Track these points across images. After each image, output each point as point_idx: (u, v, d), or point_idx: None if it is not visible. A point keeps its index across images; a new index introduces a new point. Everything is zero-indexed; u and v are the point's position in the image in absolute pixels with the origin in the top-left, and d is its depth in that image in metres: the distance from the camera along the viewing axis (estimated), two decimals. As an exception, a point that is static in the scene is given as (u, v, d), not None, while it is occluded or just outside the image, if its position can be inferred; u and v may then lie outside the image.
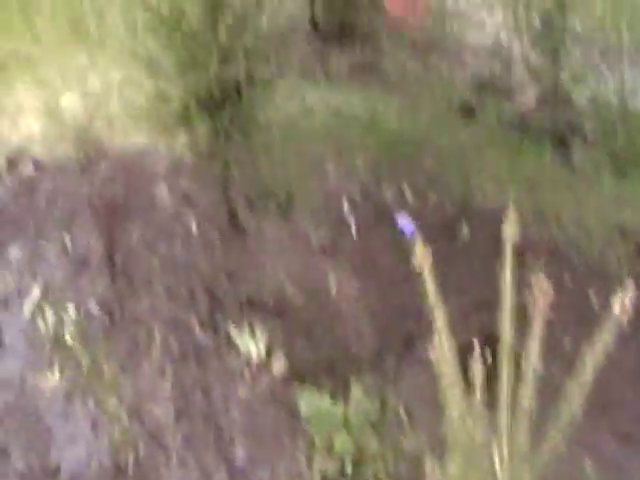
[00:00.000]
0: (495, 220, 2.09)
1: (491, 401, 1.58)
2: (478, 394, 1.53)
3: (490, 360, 1.58)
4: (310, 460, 2.39)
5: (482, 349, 1.58)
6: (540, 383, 1.53)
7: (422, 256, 1.59)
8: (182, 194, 2.94)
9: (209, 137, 3.06)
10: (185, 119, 3.04)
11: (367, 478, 2.39)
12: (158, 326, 2.54)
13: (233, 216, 2.98)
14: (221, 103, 2.94)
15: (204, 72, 2.92)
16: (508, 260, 1.57)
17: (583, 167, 4.22)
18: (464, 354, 1.60)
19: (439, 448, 1.69)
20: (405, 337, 2.89)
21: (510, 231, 1.56)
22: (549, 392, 1.55)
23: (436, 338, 1.58)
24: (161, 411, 2.35)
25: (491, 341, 1.60)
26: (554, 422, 1.45)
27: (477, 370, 1.52)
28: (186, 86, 2.93)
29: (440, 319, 1.59)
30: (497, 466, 1.46)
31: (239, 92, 3.05)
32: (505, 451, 1.47)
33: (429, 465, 1.50)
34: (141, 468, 2.23)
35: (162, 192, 2.93)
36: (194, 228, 2.87)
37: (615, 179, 4.23)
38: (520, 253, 3.56)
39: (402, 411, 2.63)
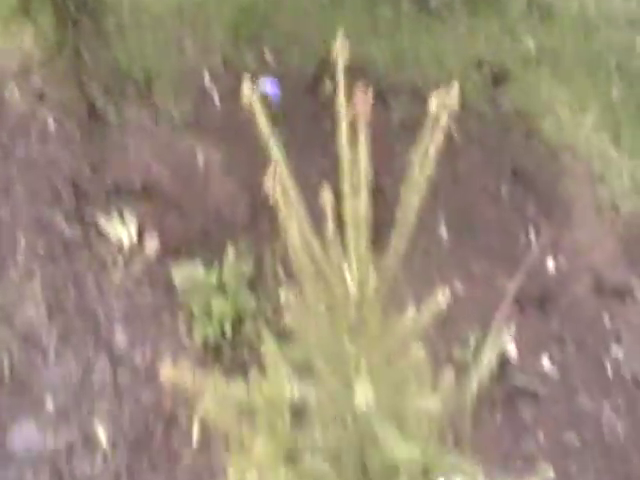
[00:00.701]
0: (357, 73, 1.78)
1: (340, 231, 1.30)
2: (329, 226, 1.27)
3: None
4: (190, 330, 2.13)
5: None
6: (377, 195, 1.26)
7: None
8: (34, 91, 2.50)
9: (56, 27, 2.59)
10: (26, 11, 2.55)
11: (248, 335, 2.15)
12: (22, 229, 2.18)
13: (91, 106, 2.56)
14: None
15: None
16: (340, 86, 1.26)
17: (439, 10, 3.82)
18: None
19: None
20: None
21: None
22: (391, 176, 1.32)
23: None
24: (33, 312, 2.04)
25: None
26: (394, 230, 1.20)
27: (327, 204, 1.25)
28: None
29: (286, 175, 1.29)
30: (348, 280, 1.27)
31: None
32: (354, 266, 1.26)
33: (284, 296, 1.26)
34: (18, 373, 1.95)
35: (12, 92, 2.48)
36: (51, 125, 2.45)
37: (468, 17, 3.87)
38: (381, 97, 3.25)
39: (279, 267, 2.36)
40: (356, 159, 1.28)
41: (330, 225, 1.32)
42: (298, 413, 1.47)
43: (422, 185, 1.27)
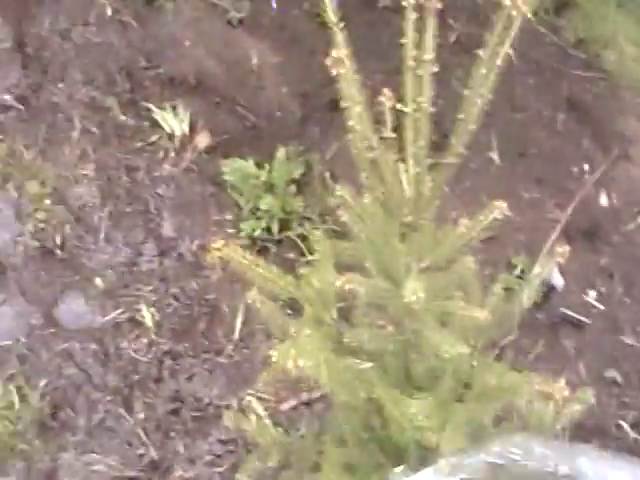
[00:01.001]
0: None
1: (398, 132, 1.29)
2: (387, 127, 1.26)
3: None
4: (237, 224, 2.14)
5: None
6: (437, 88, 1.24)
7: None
8: (93, -22, 2.47)
9: None
10: None
11: (293, 237, 2.16)
12: (77, 111, 2.19)
13: (146, -2, 2.53)
14: None
15: None
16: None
17: None
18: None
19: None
20: (328, 105, 2.55)
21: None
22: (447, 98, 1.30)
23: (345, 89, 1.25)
24: (85, 193, 2.06)
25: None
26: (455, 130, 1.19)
27: (386, 103, 1.24)
28: None
29: (349, 78, 1.25)
30: (404, 180, 1.27)
31: None
32: (410, 167, 1.26)
33: (340, 193, 1.26)
34: (69, 249, 1.99)
35: (71, -23, 2.45)
36: (108, 11, 2.43)
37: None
38: (439, 12, 3.18)
39: (327, 174, 2.35)
40: (420, 51, 1.26)
41: (388, 123, 1.32)
42: (346, 309, 1.48)
43: (486, 91, 1.25)
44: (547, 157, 3.01)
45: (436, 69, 1.22)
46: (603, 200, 2.90)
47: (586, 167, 2.95)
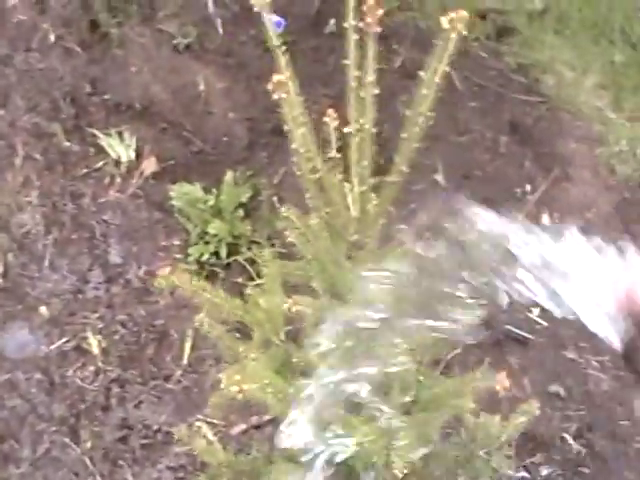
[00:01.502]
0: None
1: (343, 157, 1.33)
2: (332, 148, 1.30)
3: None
4: (185, 249, 2.16)
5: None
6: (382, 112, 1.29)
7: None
8: (36, 3, 2.48)
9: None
10: None
11: (241, 260, 2.18)
12: (20, 138, 2.18)
13: (93, 22, 2.54)
14: None
15: None
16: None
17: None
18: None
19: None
20: (275, 130, 2.60)
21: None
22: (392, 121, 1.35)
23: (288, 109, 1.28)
24: (29, 221, 2.05)
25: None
26: (398, 149, 1.24)
27: (330, 124, 1.28)
28: None
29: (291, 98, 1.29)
30: (349, 200, 1.32)
31: None
32: (355, 186, 1.31)
33: (286, 214, 1.29)
34: (12, 277, 1.97)
35: (13, 2, 2.45)
36: (52, 37, 2.44)
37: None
38: (384, 38, 3.26)
39: (274, 198, 2.39)
40: (363, 73, 1.31)
41: (333, 144, 1.36)
42: (294, 330, 1.51)
43: (426, 110, 1.31)
44: (491, 179, 3.11)
45: (377, 91, 1.27)
46: (545, 219, 3.01)
47: (528, 188, 3.06)
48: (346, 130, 1.33)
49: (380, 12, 1.28)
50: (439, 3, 3.71)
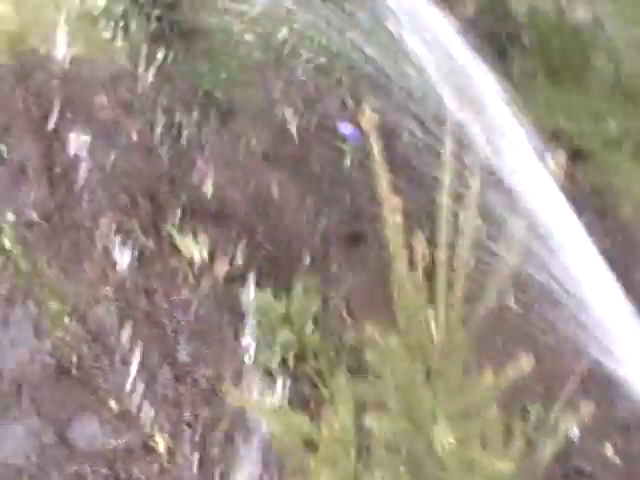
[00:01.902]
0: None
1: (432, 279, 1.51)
2: (420, 271, 1.48)
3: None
4: (253, 356, 2.35)
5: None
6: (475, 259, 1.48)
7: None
8: (121, 102, 2.80)
9: (148, 43, 2.91)
10: (123, 25, 2.89)
11: (309, 371, 2.36)
12: (99, 232, 2.44)
13: (173, 124, 2.85)
14: (160, 8, 2.79)
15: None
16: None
17: (521, 76, 4.15)
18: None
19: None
20: (347, 239, 2.84)
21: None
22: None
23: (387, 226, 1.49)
24: (104, 314, 2.27)
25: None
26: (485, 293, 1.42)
27: (420, 250, 1.46)
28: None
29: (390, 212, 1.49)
30: (434, 331, 1.45)
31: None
32: (442, 317, 1.45)
33: (369, 330, 1.46)
34: (85, 369, 2.17)
35: (101, 100, 2.79)
36: (134, 136, 2.75)
37: (550, 88, 4.18)
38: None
39: (344, 310, 2.59)
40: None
41: (419, 267, 1.54)
42: (364, 450, 1.65)
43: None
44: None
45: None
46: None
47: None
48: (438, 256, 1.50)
49: None
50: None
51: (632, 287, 3.23)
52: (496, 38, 4.32)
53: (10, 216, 2.38)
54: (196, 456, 2.09)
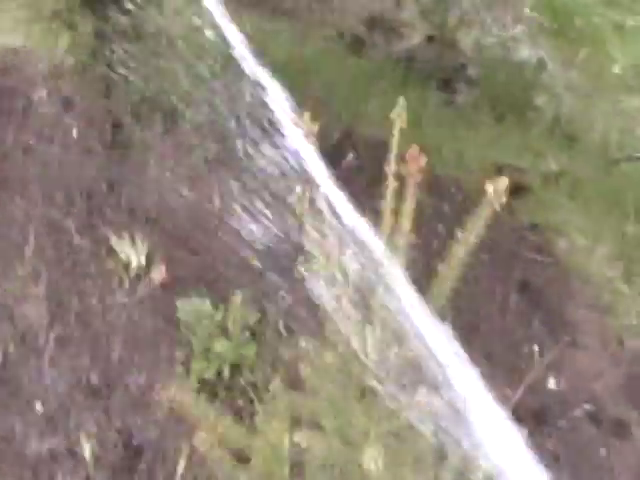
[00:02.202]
0: (380, 149, 2.10)
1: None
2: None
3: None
4: (187, 365, 2.35)
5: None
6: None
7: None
8: (63, 99, 2.79)
9: (94, 40, 2.92)
10: (68, 19, 2.89)
11: (243, 384, 2.38)
12: (33, 229, 2.42)
13: (116, 125, 2.86)
14: (108, 3, 2.81)
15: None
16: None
17: (465, 108, 4.31)
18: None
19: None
20: (290, 254, 2.88)
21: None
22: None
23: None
24: (34, 313, 2.25)
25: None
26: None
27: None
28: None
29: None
30: (369, 348, 1.49)
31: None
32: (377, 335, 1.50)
33: (304, 346, 1.50)
34: (11, 369, 2.14)
35: (41, 95, 2.77)
36: (75, 134, 2.74)
37: (493, 122, 4.35)
38: (402, 182, 3.66)
39: (281, 325, 2.62)
40: (399, 218, 1.58)
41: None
42: (297, 466, 1.68)
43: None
44: (498, 334, 3.39)
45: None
46: (551, 384, 3.27)
47: (536, 348, 3.33)
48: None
49: (422, 162, 1.57)
50: (455, 153, 4.16)
51: (565, 318, 3.37)
52: (442, 68, 4.49)
53: (-61, 206, 2.36)
54: (123, 464, 2.08)
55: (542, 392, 3.14)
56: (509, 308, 3.48)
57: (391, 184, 1.49)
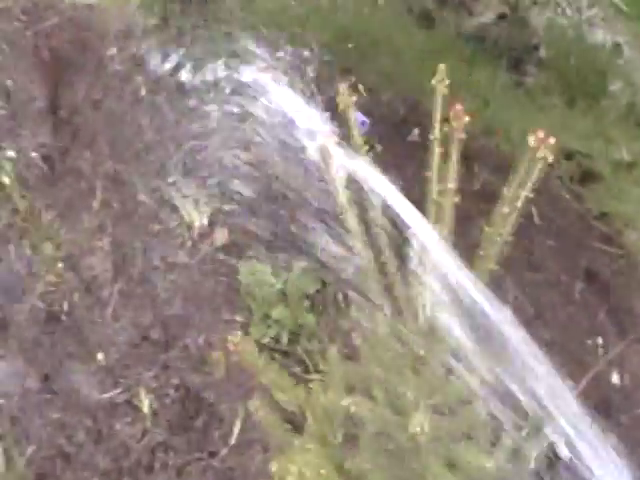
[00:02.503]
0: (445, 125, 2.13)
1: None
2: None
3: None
4: (246, 327, 2.42)
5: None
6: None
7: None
8: (133, 57, 2.88)
9: (164, 1, 3.00)
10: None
11: (300, 351, 2.45)
12: (100, 182, 2.51)
13: (180, 83, 2.94)
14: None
15: None
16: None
17: (535, 89, 4.30)
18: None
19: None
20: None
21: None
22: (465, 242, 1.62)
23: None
24: (98, 265, 2.34)
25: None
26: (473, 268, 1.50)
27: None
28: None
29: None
30: (420, 312, 1.52)
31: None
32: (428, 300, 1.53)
33: (356, 316, 1.54)
34: (75, 317, 2.23)
35: (112, 52, 2.86)
36: (143, 91, 2.82)
37: (564, 106, 4.34)
38: (465, 159, 3.68)
39: (340, 295, 2.68)
40: (445, 180, 1.59)
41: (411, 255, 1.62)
42: (350, 432, 1.73)
43: (504, 230, 1.57)
44: (561, 324, 3.40)
45: (457, 199, 1.53)
46: (615, 379, 3.28)
47: (600, 341, 3.34)
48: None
49: (466, 119, 1.57)
50: (524, 135, 4.17)
51: (633, 313, 3.37)
52: (512, 48, 4.49)
53: (10, 153, 2.45)
54: (179, 421, 2.16)
55: (605, 386, 3.16)
56: (574, 298, 3.48)
57: (436, 152, 1.50)
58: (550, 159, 1.48)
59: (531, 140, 1.48)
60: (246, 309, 2.48)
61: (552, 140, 1.49)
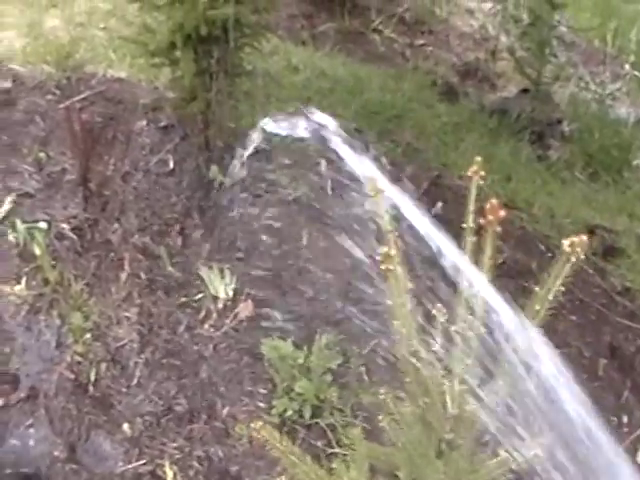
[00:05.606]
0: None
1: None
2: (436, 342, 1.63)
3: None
4: (269, 400, 2.50)
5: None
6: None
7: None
8: (161, 129, 3.02)
9: (193, 75, 3.15)
10: (170, 54, 3.13)
11: (323, 425, 2.51)
12: (128, 254, 2.63)
13: (210, 158, 3.07)
14: (208, 42, 3.03)
15: (192, 8, 3.01)
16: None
17: (558, 164, 4.42)
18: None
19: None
20: (373, 296, 3.02)
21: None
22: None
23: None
24: (125, 336, 2.44)
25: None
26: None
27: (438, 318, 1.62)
28: (173, 20, 3.02)
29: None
30: (448, 396, 1.57)
31: (226, 34, 3.15)
32: (456, 384, 1.59)
33: (384, 396, 1.60)
34: (101, 388, 2.32)
35: (141, 125, 3.00)
36: (171, 164, 2.96)
37: (587, 180, 4.45)
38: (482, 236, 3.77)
39: (363, 369, 2.76)
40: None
41: (438, 338, 1.69)
42: None
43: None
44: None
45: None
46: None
47: (625, 419, 3.39)
48: (454, 330, 1.64)
49: (502, 213, 1.65)
50: (546, 210, 4.27)
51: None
52: (535, 121, 4.63)
53: (42, 224, 2.58)
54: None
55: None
56: (598, 374, 3.54)
57: (469, 239, 1.58)
58: (582, 256, 1.55)
59: (565, 246, 1.54)
60: (269, 381, 2.56)
61: (584, 240, 1.55)
